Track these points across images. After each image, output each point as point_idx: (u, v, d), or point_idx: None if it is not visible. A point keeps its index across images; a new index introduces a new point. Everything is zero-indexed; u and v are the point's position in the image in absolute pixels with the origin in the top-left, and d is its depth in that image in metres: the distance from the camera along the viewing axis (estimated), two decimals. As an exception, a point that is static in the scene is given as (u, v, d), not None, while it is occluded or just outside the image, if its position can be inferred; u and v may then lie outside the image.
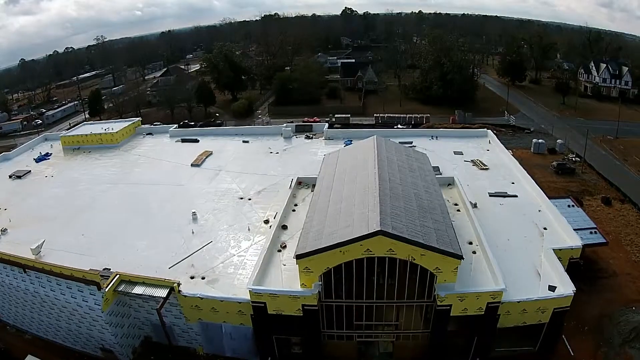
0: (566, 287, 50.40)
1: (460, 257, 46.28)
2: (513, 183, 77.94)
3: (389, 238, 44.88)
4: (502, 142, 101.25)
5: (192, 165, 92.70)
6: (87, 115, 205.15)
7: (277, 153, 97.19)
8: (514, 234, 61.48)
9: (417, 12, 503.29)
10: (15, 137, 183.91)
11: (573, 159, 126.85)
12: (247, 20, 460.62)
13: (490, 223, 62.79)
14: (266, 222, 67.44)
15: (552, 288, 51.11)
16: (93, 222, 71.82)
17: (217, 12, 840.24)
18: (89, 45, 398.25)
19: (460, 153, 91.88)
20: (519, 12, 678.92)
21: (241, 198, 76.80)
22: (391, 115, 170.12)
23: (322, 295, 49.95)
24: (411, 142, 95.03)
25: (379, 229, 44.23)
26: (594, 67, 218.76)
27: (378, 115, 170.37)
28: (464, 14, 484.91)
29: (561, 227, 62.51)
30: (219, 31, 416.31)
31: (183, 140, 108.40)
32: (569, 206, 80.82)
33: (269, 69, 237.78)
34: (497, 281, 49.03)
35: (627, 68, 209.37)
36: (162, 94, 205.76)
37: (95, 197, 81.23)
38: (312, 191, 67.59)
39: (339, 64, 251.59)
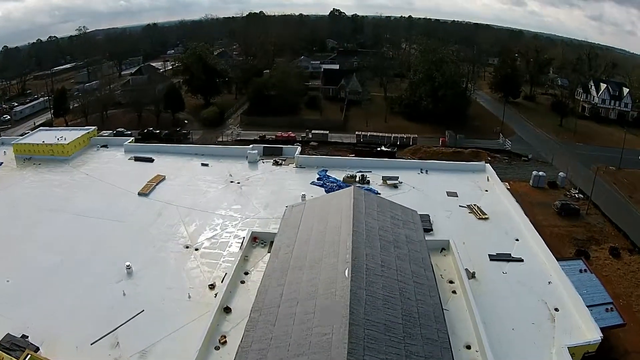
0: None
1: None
2: (517, 240, 64.28)
3: (360, 386, 30.58)
4: (497, 172, 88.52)
5: (139, 194, 78.35)
6: (52, 115, 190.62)
7: (239, 183, 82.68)
8: (520, 320, 48.28)
9: (407, 17, 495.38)
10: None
11: (576, 195, 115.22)
12: (233, 16, 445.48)
13: (491, 303, 49.63)
14: (212, 287, 53.34)
15: (564, 402, 38.17)
16: (22, 262, 58.95)
17: (204, 6, 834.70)
18: (71, 36, 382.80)
19: (455, 194, 77.70)
20: (508, 22, 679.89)
21: (187, 247, 62.31)
22: (374, 133, 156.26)
23: None
24: (397, 178, 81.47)
25: (344, 375, 29.86)
26: (593, 87, 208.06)
27: (360, 133, 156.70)
28: (453, 20, 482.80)
29: (576, 308, 49.76)
30: (204, 27, 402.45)
31: (136, 159, 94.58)
32: (580, 271, 69.68)
33: (246, 72, 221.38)
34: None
35: (627, 89, 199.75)
36: (131, 95, 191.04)
37: (31, 228, 67.67)
38: (268, 252, 53.64)
39: (322, 69, 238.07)
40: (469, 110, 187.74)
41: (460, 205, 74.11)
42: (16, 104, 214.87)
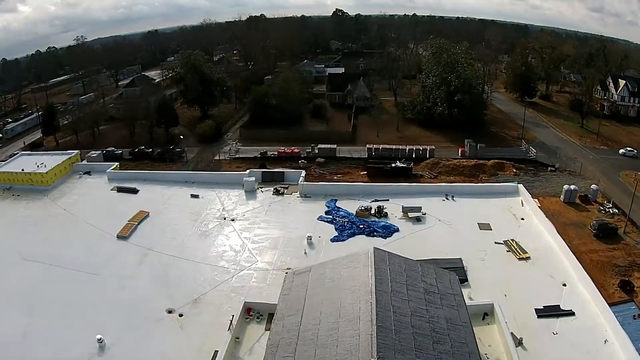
0: None
1: None
2: (565, 285, 53.54)
3: None
4: (525, 186, 79.67)
5: (118, 236, 67.22)
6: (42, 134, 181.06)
7: (233, 220, 71.07)
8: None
9: (411, 15, 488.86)
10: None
11: (610, 210, 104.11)
12: (235, 20, 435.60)
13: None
14: (198, 369, 42.35)
15: None
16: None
17: (205, 11, 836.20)
18: (69, 46, 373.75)
19: (488, 227, 66.17)
20: (509, 16, 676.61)
21: (170, 312, 51.09)
22: (387, 146, 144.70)
23: None
24: (419, 209, 69.75)
25: None
26: (611, 84, 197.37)
27: (371, 146, 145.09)
28: (457, 17, 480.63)
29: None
30: (204, 31, 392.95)
31: (119, 190, 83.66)
32: (634, 317, 62.21)
33: (245, 80, 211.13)
34: None
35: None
36: (124, 109, 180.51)
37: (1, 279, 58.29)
38: (266, 329, 42.17)
39: (327, 74, 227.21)
40: (486, 115, 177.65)
41: (496, 242, 62.66)
42: (10, 120, 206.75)
